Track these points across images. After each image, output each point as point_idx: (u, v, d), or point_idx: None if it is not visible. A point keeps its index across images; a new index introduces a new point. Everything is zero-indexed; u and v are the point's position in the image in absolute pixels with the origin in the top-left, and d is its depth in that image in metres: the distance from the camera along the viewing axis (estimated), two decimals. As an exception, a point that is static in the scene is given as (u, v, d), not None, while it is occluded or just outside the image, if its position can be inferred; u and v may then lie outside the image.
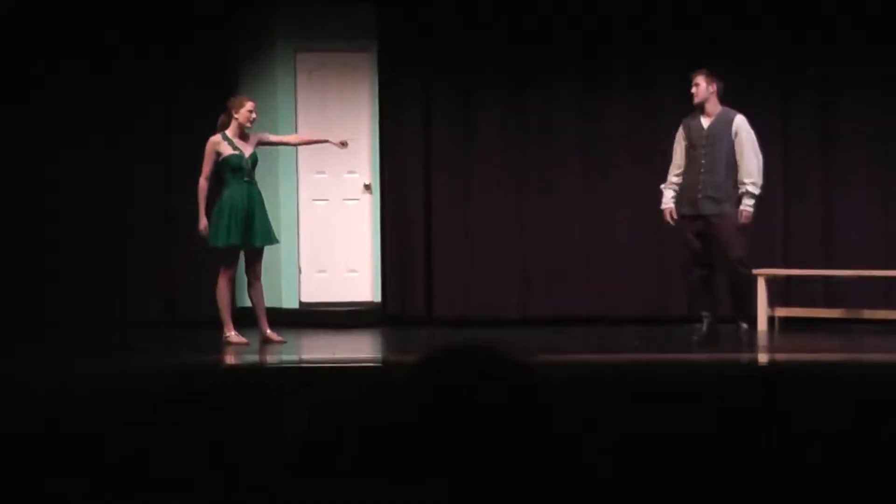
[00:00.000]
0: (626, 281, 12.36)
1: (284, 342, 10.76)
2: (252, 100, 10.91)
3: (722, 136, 10.40)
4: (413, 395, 1.73)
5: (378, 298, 12.85)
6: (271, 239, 10.79)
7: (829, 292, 12.16)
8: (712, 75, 10.51)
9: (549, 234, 12.48)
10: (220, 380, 8.73)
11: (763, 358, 10.55)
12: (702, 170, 10.43)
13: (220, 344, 10.67)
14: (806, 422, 2.50)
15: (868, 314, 11.70)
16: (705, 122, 10.47)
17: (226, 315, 10.75)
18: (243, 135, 10.68)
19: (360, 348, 11.68)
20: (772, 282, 11.65)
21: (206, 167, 10.60)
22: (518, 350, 1.84)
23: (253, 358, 10.60)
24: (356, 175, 13.10)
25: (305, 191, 12.97)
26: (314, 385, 8.63)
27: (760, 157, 10.43)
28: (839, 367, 9.23)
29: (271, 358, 10.44)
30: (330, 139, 11.13)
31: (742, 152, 10.36)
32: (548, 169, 12.51)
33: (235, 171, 10.58)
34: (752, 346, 10.50)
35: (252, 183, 10.67)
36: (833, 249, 12.23)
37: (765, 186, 10.48)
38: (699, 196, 10.42)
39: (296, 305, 12.90)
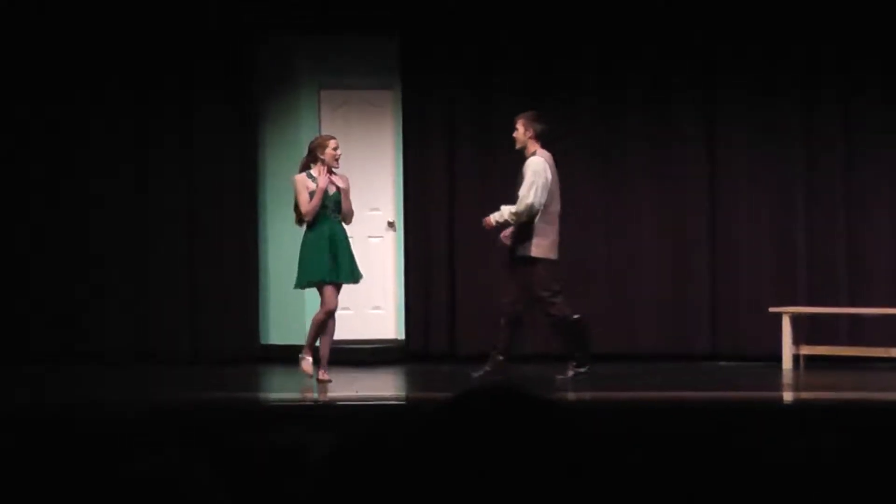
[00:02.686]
0: (647, 317, 12.32)
1: (330, 381, 10.65)
2: (334, 137, 10.79)
3: (521, 178, 10.48)
4: (438, 437, 1.72)
5: (402, 336, 12.86)
6: (354, 277, 10.73)
7: (855, 330, 12.08)
8: (531, 119, 10.55)
9: (570, 272, 12.44)
10: (242, 417, 8.74)
11: (788, 396, 10.49)
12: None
13: (240, 381, 10.65)
14: (827, 460, 2.48)
15: None
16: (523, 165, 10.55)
17: (309, 339, 10.70)
18: (328, 173, 10.59)
19: (383, 386, 11.66)
20: (796, 319, 11.58)
21: (303, 196, 10.51)
22: (541, 389, 1.84)
23: (276, 395, 10.58)
24: (379, 212, 13.13)
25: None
26: (337, 423, 8.62)
27: (535, 198, 10.36)
28: (862, 406, 9.18)
29: (294, 395, 10.41)
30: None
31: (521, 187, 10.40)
32: (571, 210, 12.48)
33: (319, 209, 10.52)
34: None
35: (335, 220, 10.60)
36: (859, 285, 12.15)
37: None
38: (509, 235, 10.61)
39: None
